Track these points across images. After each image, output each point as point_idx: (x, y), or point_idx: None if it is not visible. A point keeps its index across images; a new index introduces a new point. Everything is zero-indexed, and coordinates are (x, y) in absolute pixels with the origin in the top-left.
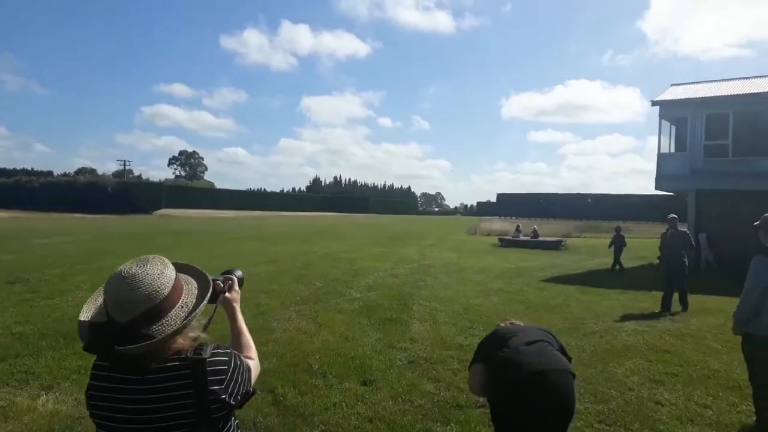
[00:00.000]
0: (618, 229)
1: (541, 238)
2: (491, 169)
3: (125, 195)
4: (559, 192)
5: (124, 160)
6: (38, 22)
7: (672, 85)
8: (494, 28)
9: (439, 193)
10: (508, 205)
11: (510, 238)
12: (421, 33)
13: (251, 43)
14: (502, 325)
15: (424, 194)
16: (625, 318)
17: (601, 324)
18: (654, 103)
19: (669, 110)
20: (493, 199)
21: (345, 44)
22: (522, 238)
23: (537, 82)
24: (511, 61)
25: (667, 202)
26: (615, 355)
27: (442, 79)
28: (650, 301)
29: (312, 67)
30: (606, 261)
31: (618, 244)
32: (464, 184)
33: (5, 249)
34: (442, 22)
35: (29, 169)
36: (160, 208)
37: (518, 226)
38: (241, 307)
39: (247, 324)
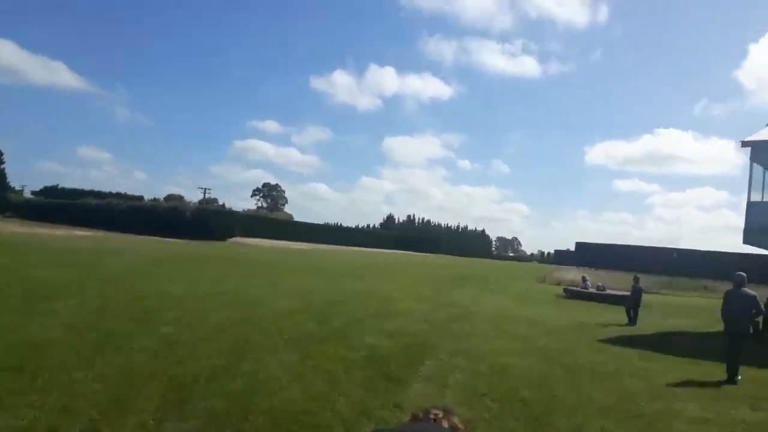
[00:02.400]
0: (636, 280)
1: (609, 292)
2: (572, 217)
3: (202, 221)
4: (644, 244)
5: (205, 188)
6: (146, 57)
7: (767, 124)
8: (581, 74)
9: (515, 238)
10: (588, 254)
11: (576, 289)
12: (506, 78)
13: (339, 84)
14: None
15: (500, 238)
16: (690, 397)
17: (656, 403)
18: (744, 144)
19: (763, 152)
20: (572, 248)
21: (429, 86)
22: (590, 290)
23: (624, 130)
24: (598, 108)
25: (763, 260)
26: None
27: (525, 124)
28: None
29: (396, 108)
30: (684, 322)
31: (634, 296)
32: (543, 230)
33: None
34: (528, 67)
35: (121, 192)
36: (233, 236)
37: (584, 276)
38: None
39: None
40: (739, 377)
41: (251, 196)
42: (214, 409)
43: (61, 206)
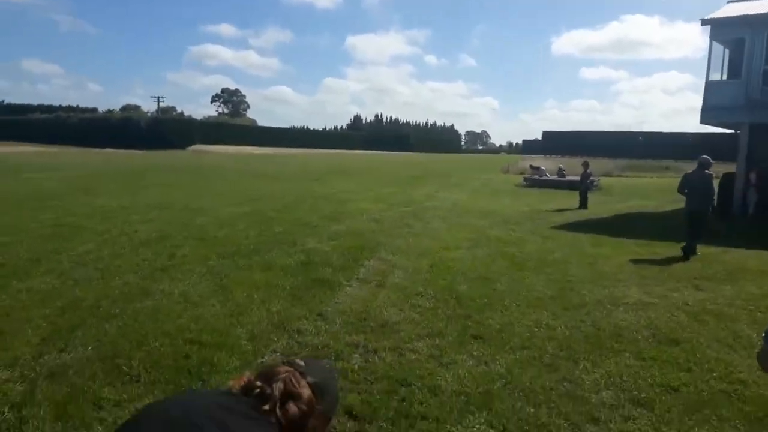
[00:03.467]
0: (585, 165)
1: (568, 178)
2: (541, 108)
3: (158, 131)
4: (610, 129)
5: (158, 97)
6: None
7: (728, 2)
8: None
9: (484, 131)
10: (554, 142)
11: (536, 177)
12: None
13: None
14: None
15: (469, 132)
16: (634, 281)
17: (598, 292)
18: (704, 22)
19: (722, 30)
20: (540, 137)
21: None
22: (548, 177)
23: (590, 18)
24: None
25: (726, 140)
26: (595, 346)
27: (491, 17)
28: (677, 255)
29: (357, 4)
30: (640, 203)
31: (584, 180)
32: (512, 122)
33: None
34: None
35: (73, 105)
36: (193, 144)
37: (531, 165)
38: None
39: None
40: (698, 253)
41: (211, 103)
42: (107, 335)
43: (8, 123)
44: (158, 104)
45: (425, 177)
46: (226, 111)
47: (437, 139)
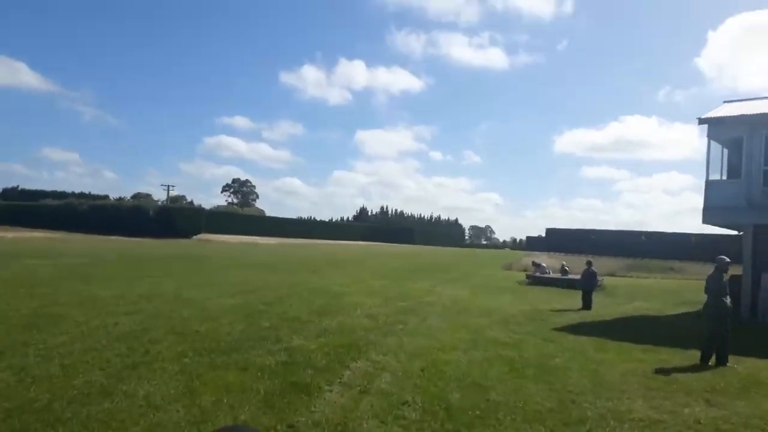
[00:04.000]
0: (588, 264)
1: (570, 276)
2: (543, 205)
3: (166, 219)
4: (613, 229)
5: (168, 185)
6: (113, 57)
7: (725, 102)
8: (548, 65)
9: (488, 226)
10: (558, 240)
11: (537, 275)
12: (475, 69)
13: (309, 78)
14: None
15: (473, 227)
16: (640, 393)
17: (601, 404)
18: (701, 121)
19: (720, 130)
20: (544, 234)
21: (399, 79)
22: (550, 275)
23: (591, 118)
24: (565, 97)
25: (730, 241)
26: None
27: (495, 115)
28: (685, 363)
29: (367, 101)
30: (645, 305)
31: (587, 280)
32: (516, 218)
33: None
34: (495, 59)
35: (86, 192)
36: (199, 233)
37: (534, 261)
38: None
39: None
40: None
41: (221, 192)
42: None
43: (20, 208)
44: (168, 193)
45: (425, 270)
46: (235, 201)
47: (441, 233)
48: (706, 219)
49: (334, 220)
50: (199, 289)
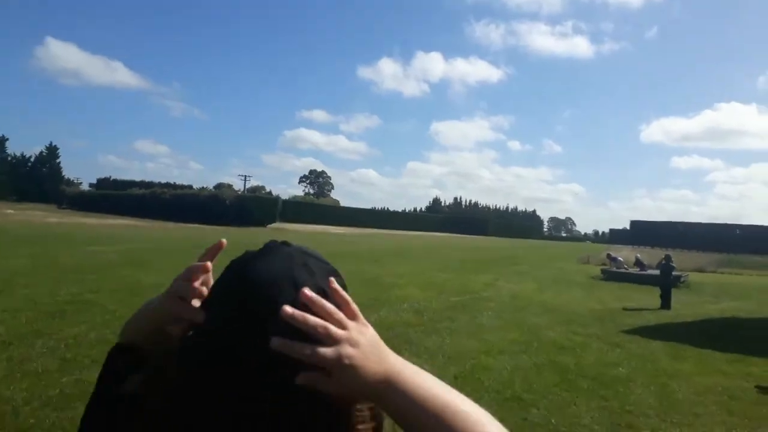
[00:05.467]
0: (667, 259)
1: (649, 271)
2: (630, 196)
3: (243, 208)
4: (704, 221)
5: (245, 176)
6: (201, 54)
7: None
8: (636, 52)
9: (569, 218)
10: (643, 233)
11: (612, 269)
12: (557, 58)
13: (386, 72)
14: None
15: (552, 219)
16: (719, 418)
17: (664, 430)
18: None
19: None
20: (629, 227)
21: (477, 70)
22: (626, 269)
23: (682, 106)
24: (654, 85)
25: None
26: None
27: (578, 104)
28: None
29: (443, 93)
30: (735, 306)
31: (665, 277)
32: (599, 210)
33: (42, 252)
34: (579, 47)
35: (172, 182)
36: (274, 222)
37: (609, 254)
38: None
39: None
40: None
41: (298, 183)
42: None
43: (110, 197)
44: (245, 183)
45: (492, 262)
46: (312, 191)
47: (517, 225)
48: None
49: (407, 211)
50: None
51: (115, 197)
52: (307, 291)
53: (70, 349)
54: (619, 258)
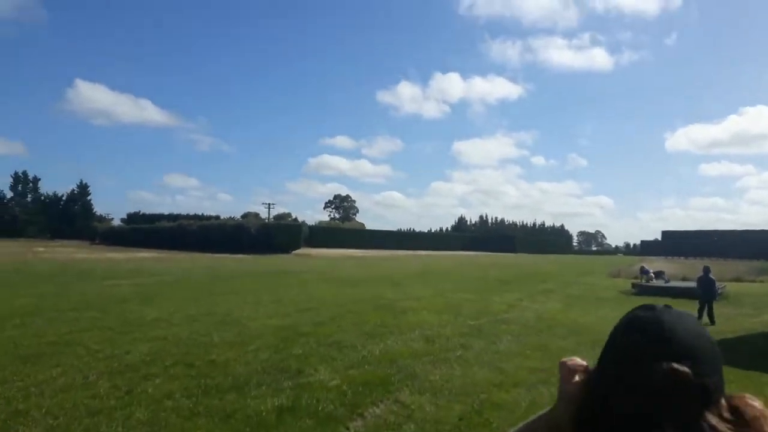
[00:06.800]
0: (706, 270)
1: (673, 283)
2: (659, 206)
3: (268, 236)
4: (738, 229)
5: (269, 204)
6: (224, 88)
7: None
8: (655, 61)
9: (599, 231)
10: (675, 243)
11: (642, 283)
12: (576, 71)
13: (405, 95)
14: None
15: (582, 233)
16: None
17: None
18: None
19: None
20: (660, 238)
21: (496, 88)
22: (657, 283)
23: (706, 112)
24: (676, 93)
25: None
26: None
27: (600, 116)
28: None
29: (463, 113)
30: None
31: (706, 289)
32: (629, 221)
33: (40, 290)
34: (597, 59)
35: (199, 214)
36: (299, 248)
37: (642, 266)
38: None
39: None
40: None
41: (324, 209)
42: None
43: (139, 230)
44: (269, 211)
45: (516, 281)
46: (337, 216)
47: (545, 240)
48: None
49: (432, 231)
50: (253, 308)
51: (145, 231)
52: None
53: (28, 398)
54: (651, 271)
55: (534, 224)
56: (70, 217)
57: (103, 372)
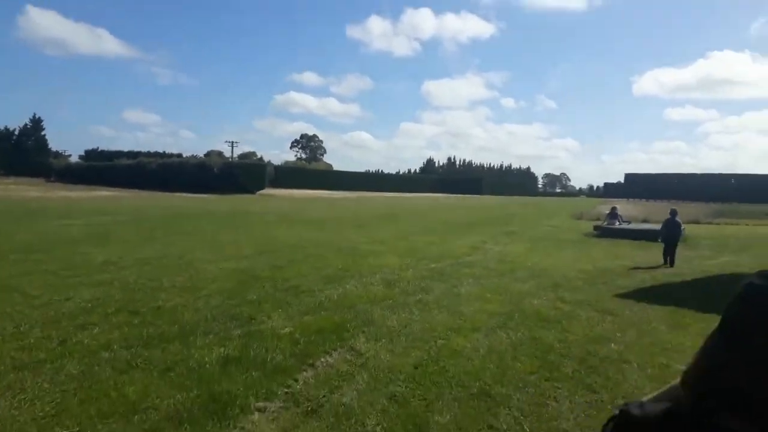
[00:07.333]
0: (673, 213)
1: (634, 225)
2: (623, 149)
3: (231, 176)
4: (698, 172)
5: (232, 142)
6: (187, 19)
7: None
8: (627, 3)
9: (564, 174)
10: (637, 186)
11: (605, 225)
12: (549, 12)
13: (375, 30)
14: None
15: (547, 175)
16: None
17: None
18: None
19: None
20: (623, 180)
21: (468, 25)
22: (621, 225)
23: (673, 56)
24: (645, 36)
25: None
26: None
27: (570, 58)
28: None
29: (434, 51)
30: (735, 260)
31: (670, 232)
32: (593, 164)
33: None
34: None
35: (160, 152)
36: (263, 188)
37: (614, 208)
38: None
39: None
40: None
41: (290, 148)
42: None
43: (97, 168)
44: (232, 149)
45: (483, 223)
46: (304, 156)
47: (511, 182)
48: None
49: (401, 173)
50: (212, 251)
51: (103, 168)
52: None
53: None
54: (618, 212)
55: (501, 166)
56: (23, 152)
57: (38, 321)
